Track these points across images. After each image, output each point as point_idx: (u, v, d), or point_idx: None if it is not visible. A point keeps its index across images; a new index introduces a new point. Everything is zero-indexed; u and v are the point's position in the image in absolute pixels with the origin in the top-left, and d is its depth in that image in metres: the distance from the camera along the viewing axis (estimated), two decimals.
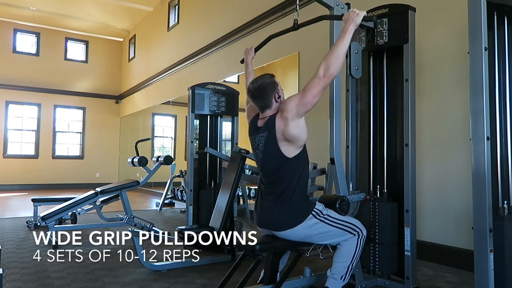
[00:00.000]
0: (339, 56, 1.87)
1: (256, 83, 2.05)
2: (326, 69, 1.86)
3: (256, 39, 5.81)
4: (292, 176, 1.95)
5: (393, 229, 2.45)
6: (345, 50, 1.90)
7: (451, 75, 3.26)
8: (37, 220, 4.59)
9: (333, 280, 2.04)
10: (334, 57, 1.86)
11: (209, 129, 3.89)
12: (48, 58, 11.24)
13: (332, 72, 1.86)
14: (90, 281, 2.70)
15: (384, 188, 2.53)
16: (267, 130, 1.98)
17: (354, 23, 1.93)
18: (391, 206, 2.46)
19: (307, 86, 1.91)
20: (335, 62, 1.86)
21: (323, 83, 1.87)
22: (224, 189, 3.04)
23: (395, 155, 2.53)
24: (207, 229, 2.76)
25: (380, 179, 2.56)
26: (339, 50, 1.88)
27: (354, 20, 1.93)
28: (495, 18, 1.95)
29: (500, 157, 1.93)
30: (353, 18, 1.93)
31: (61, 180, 10.94)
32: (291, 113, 1.90)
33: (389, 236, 2.44)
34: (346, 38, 1.90)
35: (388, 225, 2.44)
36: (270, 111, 2.04)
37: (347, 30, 1.92)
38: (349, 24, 1.93)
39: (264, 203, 2.05)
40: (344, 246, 2.05)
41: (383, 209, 2.47)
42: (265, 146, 2.00)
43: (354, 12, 1.94)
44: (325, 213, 2.02)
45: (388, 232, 2.45)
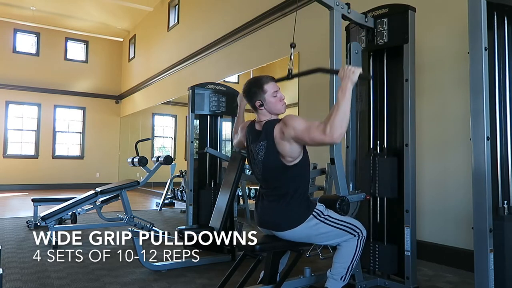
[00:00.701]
0: (345, 116, 1.79)
1: (247, 83, 2.09)
2: (333, 131, 1.77)
3: (256, 39, 5.82)
4: (293, 182, 1.95)
5: (394, 229, 2.45)
6: (349, 108, 1.83)
7: (451, 75, 3.26)
8: (37, 220, 4.59)
9: (333, 280, 2.04)
10: (340, 118, 1.78)
11: (209, 129, 3.89)
12: (48, 58, 11.24)
13: (340, 133, 1.78)
14: (90, 281, 2.70)
15: (384, 223, 2.54)
16: (266, 138, 1.97)
17: (351, 81, 1.87)
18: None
19: (313, 129, 1.83)
20: (341, 123, 1.78)
21: (327, 140, 1.80)
22: (224, 189, 3.04)
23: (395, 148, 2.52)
24: (207, 229, 2.76)
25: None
26: (343, 110, 1.80)
27: (351, 78, 1.86)
28: (495, 18, 1.95)
29: (500, 157, 1.93)
30: (349, 76, 1.86)
31: (61, 180, 10.94)
32: (290, 133, 1.88)
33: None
34: (347, 96, 1.83)
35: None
36: (259, 114, 2.06)
37: (346, 88, 1.85)
38: (346, 82, 1.86)
39: (264, 203, 2.05)
40: (344, 246, 2.05)
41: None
42: (265, 154, 1.99)
43: (349, 70, 1.88)
44: (326, 213, 2.02)
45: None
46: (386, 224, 2.55)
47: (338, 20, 2.34)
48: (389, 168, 2.48)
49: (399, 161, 2.47)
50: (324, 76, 2.55)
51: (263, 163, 2.01)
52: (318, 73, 2.22)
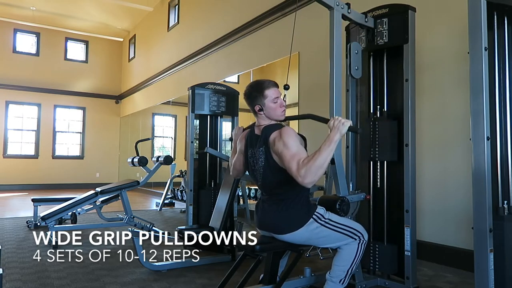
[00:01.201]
0: (322, 166, 1.76)
1: (249, 86, 2.08)
2: (307, 174, 1.74)
3: (256, 39, 5.82)
4: (294, 186, 1.93)
5: (393, 228, 2.45)
6: (329, 159, 1.79)
7: (451, 75, 3.26)
8: (37, 220, 4.59)
9: (332, 283, 2.03)
10: (317, 166, 1.75)
11: (209, 129, 3.89)
12: (48, 58, 11.25)
13: (312, 180, 1.75)
14: (90, 281, 2.70)
15: (384, 188, 2.53)
16: (264, 144, 1.97)
17: (340, 133, 1.84)
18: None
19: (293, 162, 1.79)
20: (317, 171, 1.75)
21: (299, 180, 1.77)
22: (224, 189, 3.05)
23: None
24: (207, 229, 2.76)
25: (380, 179, 2.56)
26: (323, 158, 1.76)
27: (340, 130, 1.84)
28: (495, 18, 1.95)
29: (500, 157, 1.93)
30: (339, 127, 1.84)
31: (61, 180, 10.94)
32: (279, 147, 1.88)
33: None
34: (331, 148, 1.80)
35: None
36: (259, 118, 2.06)
37: (332, 139, 1.82)
38: (334, 133, 1.83)
39: (265, 206, 2.05)
40: (345, 250, 2.04)
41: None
42: (265, 160, 1.98)
43: (339, 121, 1.86)
44: (326, 217, 2.01)
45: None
46: (386, 224, 2.55)
47: (338, 20, 2.34)
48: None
49: (399, 163, 2.48)
50: (324, 76, 2.55)
51: (264, 169, 2.00)
52: (308, 119, 2.22)
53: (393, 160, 2.50)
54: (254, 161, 2.06)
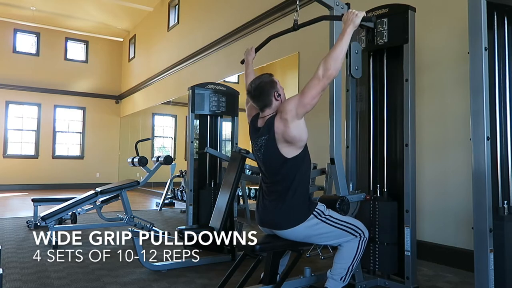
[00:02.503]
0: (338, 57, 1.87)
1: (255, 83, 2.06)
2: (325, 70, 1.86)
3: (256, 39, 5.81)
4: (293, 176, 1.95)
5: (393, 228, 2.45)
6: (345, 51, 1.90)
7: (451, 75, 3.26)
8: (37, 220, 4.59)
9: (333, 281, 2.04)
10: (333, 58, 1.86)
11: (209, 129, 3.89)
12: (48, 58, 11.24)
13: (331, 73, 1.86)
14: (90, 281, 2.70)
15: (384, 187, 2.53)
16: (268, 132, 1.98)
17: (353, 24, 1.93)
18: (391, 205, 2.46)
19: (306, 87, 1.91)
20: (334, 63, 1.86)
21: (322, 84, 1.87)
22: (224, 189, 3.05)
23: (395, 155, 2.53)
24: (207, 229, 2.76)
25: (380, 179, 2.56)
26: (338, 51, 1.88)
27: (353, 21, 1.93)
28: (495, 18, 1.95)
29: (500, 157, 1.93)
30: (352, 19, 1.93)
31: (61, 180, 10.94)
32: (291, 114, 1.90)
33: (389, 236, 2.45)
34: (345, 39, 1.90)
35: (388, 224, 2.45)
36: (270, 110, 2.04)
37: (346, 31, 1.92)
38: (347, 25, 1.92)
39: (265, 202, 2.05)
40: (345, 247, 2.04)
41: (383, 208, 2.47)
42: (265, 148, 2.00)
43: (353, 13, 1.94)
44: (327, 213, 2.02)
45: (388, 232, 2.45)
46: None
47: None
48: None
49: (399, 161, 2.47)
50: None
51: (264, 155, 2.02)
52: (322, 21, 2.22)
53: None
54: (256, 149, 2.08)
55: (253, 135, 2.10)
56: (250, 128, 2.16)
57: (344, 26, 1.93)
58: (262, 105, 2.05)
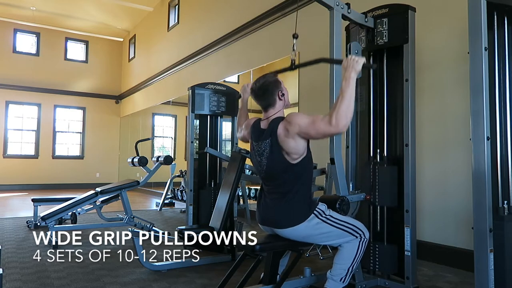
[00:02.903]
0: (349, 106, 1.82)
1: (259, 82, 2.06)
2: (338, 120, 1.79)
3: (256, 39, 5.82)
4: (297, 179, 1.95)
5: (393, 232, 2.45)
6: (354, 97, 1.84)
7: (451, 75, 3.26)
8: (37, 220, 4.59)
9: (333, 281, 2.03)
10: (345, 107, 1.80)
11: (209, 129, 3.89)
12: (48, 58, 11.24)
13: (345, 122, 1.80)
14: (90, 281, 2.70)
15: (384, 231, 2.54)
16: (271, 136, 1.97)
17: (355, 71, 1.88)
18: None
19: (318, 122, 1.85)
20: (346, 112, 1.80)
21: (332, 130, 1.83)
22: (224, 189, 3.04)
23: (395, 155, 2.53)
24: (207, 229, 2.76)
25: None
26: (347, 99, 1.82)
27: (354, 68, 1.88)
28: (495, 18, 1.95)
29: (500, 157, 1.93)
30: (353, 65, 1.88)
31: (61, 180, 10.94)
32: (294, 129, 1.89)
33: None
34: (351, 85, 1.85)
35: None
36: (273, 110, 2.04)
37: (350, 77, 1.86)
38: (350, 71, 1.87)
39: (267, 201, 2.05)
40: (346, 248, 2.04)
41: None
42: (270, 152, 1.98)
43: (353, 59, 1.89)
44: (327, 213, 2.02)
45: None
46: (386, 224, 2.55)
47: (338, 20, 2.35)
48: (390, 175, 2.47)
49: (399, 161, 2.47)
50: (324, 76, 2.55)
51: (268, 160, 2.00)
52: (321, 63, 2.22)
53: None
54: (257, 154, 2.06)
55: (257, 137, 2.07)
56: (252, 131, 2.13)
57: (346, 72, 1.88)
58: (266, 104, 2.05)
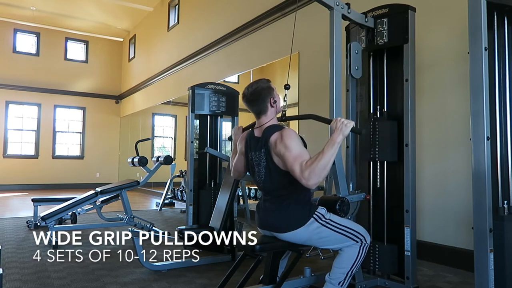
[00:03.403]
0: (326, 167, 1.79)
1: (251, 88, 2.04)
2: (311, 176, 1.77)
3: (256, 39, 5.82)
4: (295, 187, 1.93)
5: (393, 227, 2.45)
6: (332, 160, 1.82)
7: (451, 75, 3.26)
8: (37, 220, 4.59)
9: (331, 285, 2.00)
10: (321, 167, 1.77)
11: (209, 129, 3.89)
12: (48, 58, 11.24)
13: (317, 181, 1.78)
14: (90, 281, 2.70)
15: (384, 188, 2.53)
16: (265, 145, 1.96)
17: (343, 134, 1.87)
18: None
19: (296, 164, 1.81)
20: (321, 172, 1.77)
21: (302, 182, 1.80)
22: (224, 189, 3.05)
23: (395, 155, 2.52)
24: (207, 229, 2.76)
25: (380, 179, 2.56)
26: (326, 159, 1.79)
27: (342, 131, 1.86)
28: (495, 18, 1.95)
29: (500, 157, 1.93)
30: (341, 128, 1.86)
31: (61, 180, 10.94)
32: (280, 150, 1.88)
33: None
34: (334, 149, 1.83)
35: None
36: (265, 117, 2.03)
37: (335, 141, 1.84)
38: (337, 135, 1.86)
39: (266, 205, 2.04)
40: (346, 252, 2.02)
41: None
42: (267, 161, 1.98)
43: (342, 122, 1.87)
44: (327, 217, 2.00)
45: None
46: (386, 224, 2.55)
47: (338, 20, 2.34)
48: None
49: (399, 165, 2.48)
50: (324, 77, 2.55)
51: (265, 170, 1.99)
52: (310, 119, 2.21)
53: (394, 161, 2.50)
54: (255, 164, 2.05)
55: (253, 146, 2.05)
56: (247, 141, 2.11)
57: (333, 135, 1.87)
58: (258, 111, 2.03)
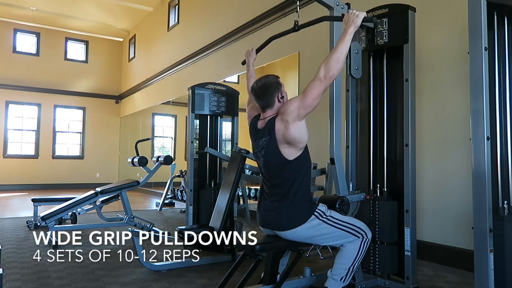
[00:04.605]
0: (339, 58, 1.87)
1: (260, 82, 2.06)
2: (327, 71, 1.86)
3: (256, 39, 5.81)
4: (294, 178, 1.95)
5: (393, 228, 2.45)
6: (346, 51, 1.90)
7: (451, 75, 3.26)
8: (37, 220, 4.59)
9: (333, 280, 2.03)
10: (335, 59, 1.87)
11: (209, 129, 3.89)
12: (48, 58, 11.24)
13: (333, 74, 1.86)
14: (90, 281, 2.70)
15: (384, 187, 2.54)
16: (269, 134, 1.98)
17: (354, 25, 1.92)
18: (391, 204, 2.46)
19: (307, 88, 1.91)
20: (336, 64, 1.86)
21: (324, 85, 1.87)
22: (224, 189, 3.05)
23: (395, 155, 2.53)
24: (207, 229, 2.76)
25: (380, 179, 2.56)
26: (339, 51, 1.88)
27: (354, 22, 1.92)
28: (495, 18, 1.95)
29: (500, 157, 1.93)
30: (353, 19, 1.93)
31: (61, 180, 10.94)
32: (292, 115, 1.90)
33: (389, 235, 2.45)
34: (347, 39, 1.90)
35: (389, 224, 2.45)
36: (271, 111, 2.04)
37: (347, 32, 1.92)
38: (349, 26, 1.92)
39: (267, 203, 2.05)
40: (347, 247, 2.03)
41: (383, 208, 2.47)
42: (266, 149, 1.99)
43: (354, 14, 1.94)
44: (328, 214, 2.01)
45: (388, 231, 2.45)
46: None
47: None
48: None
49: (399, 161, 2.47)
50: None
51: (265, 157, 2.02)
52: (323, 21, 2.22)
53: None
54: (257, 151, 2.07)
55: (254, 136, 2.10)
56: (250, 129, 2.16)
57: (345, 26, 1.94)
58: (265, 105, 2.05)
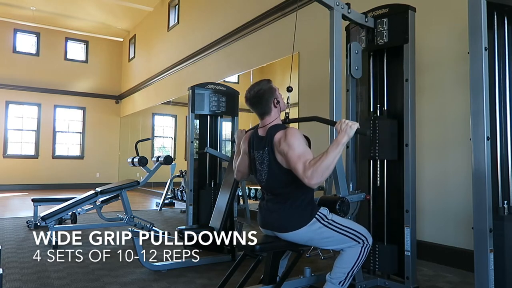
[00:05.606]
0: (330, 166, 1.80)
1: (253, 90, 2.04)
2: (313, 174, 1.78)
3: (256, 39, 5.82)
4: (298, 186, 1.93)
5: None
6: (336, 161, 1.83)
7: (451, 75, 3.26)
8: (37, 220, 4.59)
9: (331, 284, 2.01)
10: (325, 166, 1.79)
11: (209, 129, 3.90)
12: (48, 58, 11.24)
13: (318, 181, 1.79)
14: (90, 281, 2.70)
15: (384, 187, 2.53)
16: (270, 144, 1.97)
17: (347, 136, 1.87)
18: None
19: (300, 163, 1.83)
20: (325, 171, 1.79)
21: (305, 181, 1.81)
22: (224, 189, 3.05)
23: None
24: (207, 229, 2.76)
25: (380, 179, 2.56)
26: (330, 160, 1.80)
27: (347, 133, 1.87)
28: (495, 18, 1.95)
29: (500, 157, 1.93)
30: (346, 130, 1.87)
31: (61, 180, 10.94)
32: (284, 149, 1.89)
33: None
34: (339, 149, 1.84)
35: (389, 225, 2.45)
36: (269, 117, 2.04)
37: (340, 142, 1.85)
38: (342, 136, 1.87)
39: (269, 205, 2.05)
40: (347, 252, 2.02)
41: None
42: (269, 160, 1.98)
43: (347, 124, 1.88)
44: (329, 218, 2.00)
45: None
46: (386, 224, 2.55)
47: (338, 20, 2.34)
48: None
49: (399, 163, 2.48)
50: (324, 77, 2.55)
51: (268, 168, 2.00)
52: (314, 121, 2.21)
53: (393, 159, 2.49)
54: (258, 162, 2.05)
55: (257, 147, 2.06)
56: (251, 144, 2.11)
57: (338, 136, 1.88)
58: (262, 112, 2.04)
